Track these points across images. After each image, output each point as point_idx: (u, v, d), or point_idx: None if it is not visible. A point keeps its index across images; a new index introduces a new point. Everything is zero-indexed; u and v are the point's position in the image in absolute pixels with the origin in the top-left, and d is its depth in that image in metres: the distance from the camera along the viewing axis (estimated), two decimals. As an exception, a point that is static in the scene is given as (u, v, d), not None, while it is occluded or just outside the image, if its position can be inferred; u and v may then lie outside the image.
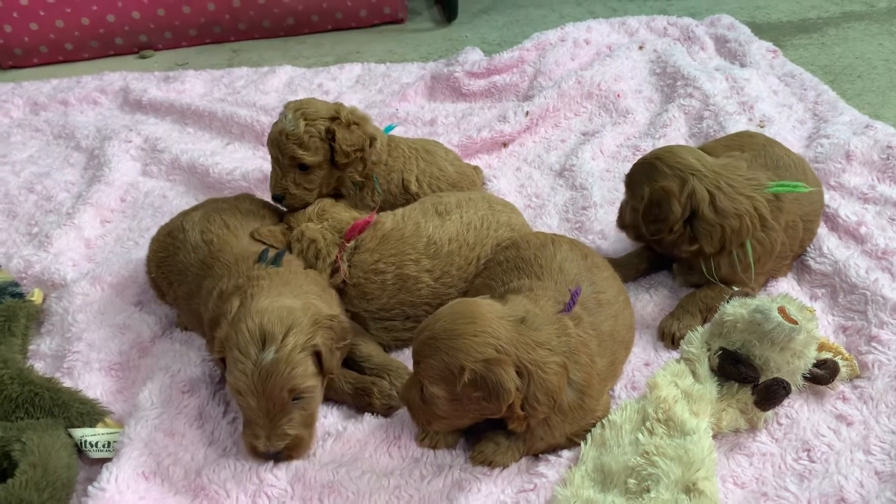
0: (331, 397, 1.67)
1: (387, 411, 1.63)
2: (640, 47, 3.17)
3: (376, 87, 3.20)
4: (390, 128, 2.20)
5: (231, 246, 1.77)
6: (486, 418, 1.45)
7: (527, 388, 1.36)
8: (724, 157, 1.89)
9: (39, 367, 1.81)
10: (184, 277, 1.80)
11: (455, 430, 1.53)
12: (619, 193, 2.35)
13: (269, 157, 2.63)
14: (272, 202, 2.02)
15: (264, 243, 1.81)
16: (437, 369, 1.37)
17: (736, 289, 1.76)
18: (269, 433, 1.45)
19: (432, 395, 1.40)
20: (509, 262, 1.71)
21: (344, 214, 1.91)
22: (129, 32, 3.73)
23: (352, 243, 1.83)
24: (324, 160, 1.94)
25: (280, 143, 1.93)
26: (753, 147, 2.01)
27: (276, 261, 1.71)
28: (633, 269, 1.98)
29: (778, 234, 1.81)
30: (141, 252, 2.10)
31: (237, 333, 1.45)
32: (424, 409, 1.45)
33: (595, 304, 1.59)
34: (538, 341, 1.39)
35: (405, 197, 2.06)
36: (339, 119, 1.93)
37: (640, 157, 2.50)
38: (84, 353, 1.80)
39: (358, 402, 1.65)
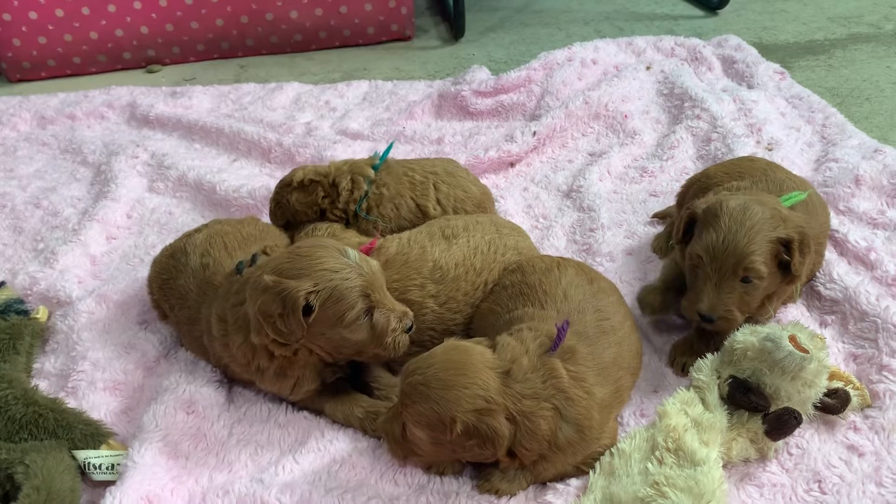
0: (339, 420, 1.66)
1: None
2: (648, 68, 3.17)
3: (383, 104, 3.20)
4: (388, 150, 2.20)
5: (225, 269, 1.76)
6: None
7: (513, 437, 1.38)
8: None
9: (43, 385, 1.80)
10: (184, 302, 1.79)
11: None
12: (627, 215, 2.35)
13: (275, 174, 2.66)
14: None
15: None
16: (425, 416, 1.38)
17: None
18: None
19: (415, 436, 1.42)
20: (514, 286, 1.70)
21: (352, 240, 1.90)
22: (137, 47, 3.74)
23: None
24: (291, 219, 2.13)
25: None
26: (754, 172, 1.98)
27: (253, 261, 1.71)
28: (650, 309, 1.86)
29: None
30: (146, 270, 2.08)
31: None
32: (403, 445, 1.46)
33: (597, 332, 1.57)
34: (523, 393, 1.39)
35: (423, 221, 2.04)
36: (291, 184, 2.09)
37: (647, 178, 2.52)
38: (89, 372, 1.79)
39: (368, 426, 1.63)
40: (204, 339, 1.72)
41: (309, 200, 2.08)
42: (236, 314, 1.60)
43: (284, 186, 2.12)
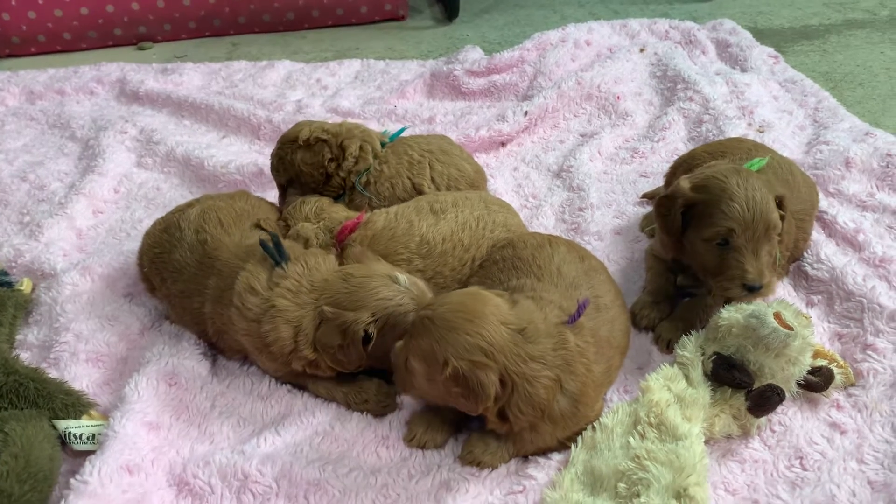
0: (322, 395, 1.65)
1: (382, 410, 1.61)
2: (641, 50, 3.15)
3: (375, 83, 3.18)
4: (400, 131, 2.17)
5: (226, 244, 1.76)
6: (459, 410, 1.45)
7: (509, 398, 1.36)
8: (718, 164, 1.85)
9: (26, 357, 1.79)
10: (179, 276, 1.78)
11: (442, 429, 1.53)
12: (616, 195, 2.35)
13: (264, 151, 2.65)
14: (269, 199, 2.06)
15: (264, 230, 1.82)
16: (423, 350, 1.37)
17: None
18: None
19: (413, 368, 1.41)
20: (506, 261, 1.69)
21: (340, 214, 1.89)
22: (128, 23, 3.71)
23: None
24: (294, 178, 2.07)
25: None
26: (738, 151, 1.97)
27: (276, 243, 1.68)
28: (647, 321, 1.82)
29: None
30: (133, 244, 2.08)
31: None
32: (405, 376, 1.44)
33: (594, 309, 1.55)
34: (532, 355, 1.36)
35: None
36: (297, 141, 2.03)
37: (638, 159, 2.52)
38: (71, 343, 1.78)
39: (353, 400, 1.62)
40: (206, 307, 1.71)
41: (315, 161, 2.02)
42: (288, 307, 1.58)
43: (289, 142, 2.05)
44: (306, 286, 1.60)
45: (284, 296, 1.59)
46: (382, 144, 2.10)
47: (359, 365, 1.57)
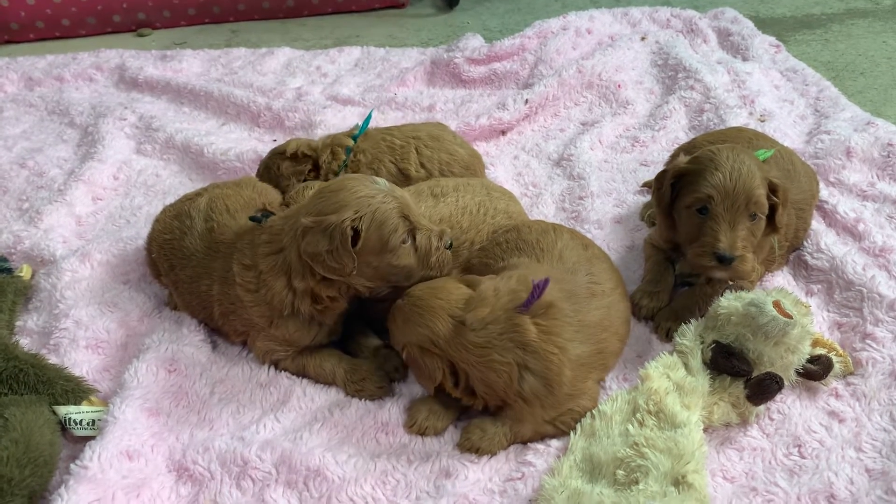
0: (325, 374, 1.66)
1: (378, 392, 1.62)
2: (643, 38, 3.14)
3: (375, 71, 3.17)
4: (367, 120, 2.19)
5: (230, 227, 1.77)
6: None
7: (465, 382, 1.47)
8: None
9: (26, 343, 1.79)
10: (188, 262, 1.78)
11: (442, 415, 1.54)
12: (617, 184, 2.34)
13: (263, 138, 2.64)
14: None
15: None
16: (393, 332, 1.59)
17: (731, 283, 1.74)
18: None
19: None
20: (509, 242, 1.72)
21: None
22: (127, 10, 3.69)
23: None
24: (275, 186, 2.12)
25: None
26: (739, 141, 1.96)
27: (266, 215, 1.73)
28: (647, 311, 1.81)
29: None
30: (132, 230, 2.08)
31: None
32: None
33: (587, 294, 1.57)
34: (474, 343, 1.44)
35: (406, 185, 2.04)
36: (284, 153, 2.14)
37: (638, 148, 2.51)
38: (71, 330, 1.78)
39: (351, 378, 1.63)
40: (213, 289, 1.72)
41: (297, 170, 2.13)
42: (273, 262, 1.60)
43: (277, 154, 2.17)
44: (280, 226, 1.61)
45: (266, 252, 1.61)
46: (354, 138, 2.14)
47: (353, 269, 1.52)
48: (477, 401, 1.49)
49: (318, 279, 1.56)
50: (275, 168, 2.14)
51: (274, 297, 1.60)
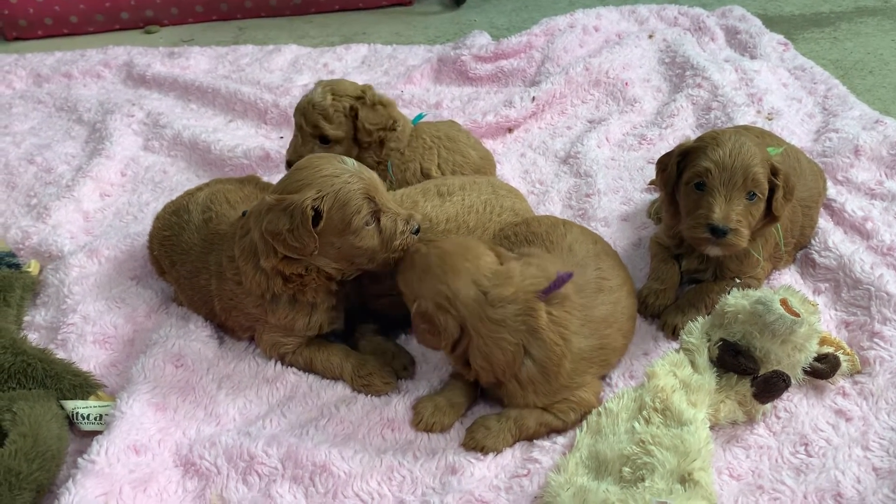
0: (332, 368, 1.66)
1: (384, 387, 1.62)
2: (650, 36, 3.14)
3: (382, 68, 3.17)
4: (419, 117, 2.18)
5: (229, 218, 1.77)
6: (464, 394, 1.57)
7: (465, 347, 1.45)
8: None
9: (34, 338, 1.80)
10: (187, 257, 1.78)
11: (448, 412, 1.54)
12: (624, 182, 2.34)
13: (271, 135, 2.64)
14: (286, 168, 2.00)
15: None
16: (406, 280, 1.54)
17: (738, 280, 1.74)
18: None
19: (400, 287, 1.56)
20: (518, 236, 1.73)
21: None
22: (135, 7, 3.70)
23: None
24: (345, 136, 2.00)
25: (306, 111, 1.99)
26: None
27: None
28: (654, 309, 1.81)
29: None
30: (139, 226, 2.08)
31: None
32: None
33: (595, 289, 1.58)
34: (491, 317, 1.43)
35: None
36: (363, 98, 1.99)
37: (646, 146, 2.51)
38: (78, 325, 1.79)
39: (358, 373, 1.64)
40: (212, 284, 1.72)
41: (378, 123, 2.00)
42: (243, 245, 1.60)
43: (350, 97, 1.99)
44: (250, 210, 1.61)
45: (239, 237, 1.61)
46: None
47: (313, 249, 1.50)
48: (469, 372, 1.49)
49: (280, 258, 1.54)
50: (352, 114, 1.96)
51: (250, 282, 1.60)
